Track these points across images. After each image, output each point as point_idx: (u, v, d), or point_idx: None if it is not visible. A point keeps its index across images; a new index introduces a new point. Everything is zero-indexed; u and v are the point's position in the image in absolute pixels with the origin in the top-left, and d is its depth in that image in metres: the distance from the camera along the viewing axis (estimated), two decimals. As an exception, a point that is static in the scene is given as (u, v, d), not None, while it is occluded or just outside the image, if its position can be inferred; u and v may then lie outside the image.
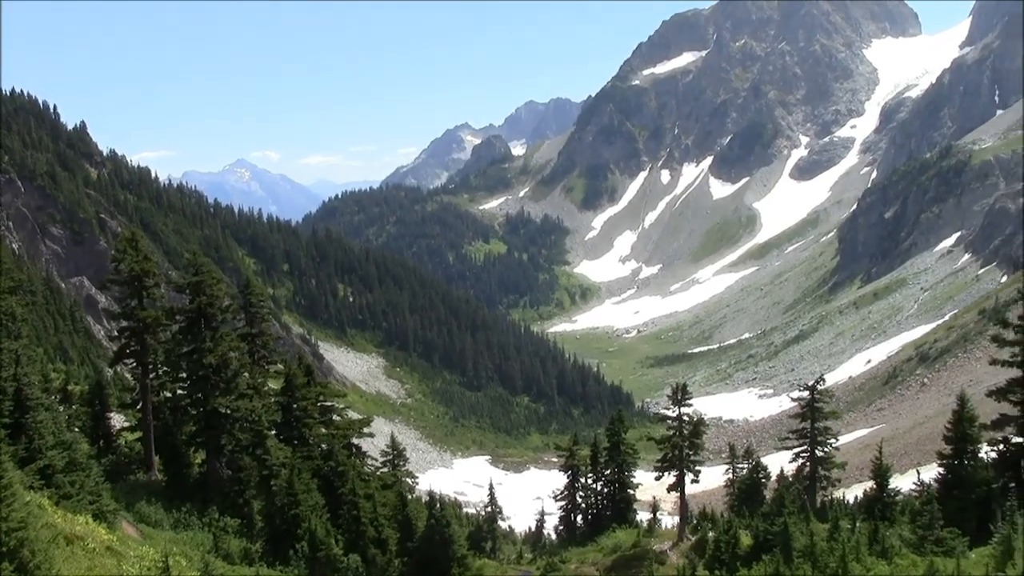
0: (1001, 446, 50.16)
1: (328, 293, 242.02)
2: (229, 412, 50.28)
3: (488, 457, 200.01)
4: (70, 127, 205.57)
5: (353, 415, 70.80)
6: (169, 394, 53.42)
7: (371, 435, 65.64)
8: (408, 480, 68.43)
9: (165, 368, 52.73)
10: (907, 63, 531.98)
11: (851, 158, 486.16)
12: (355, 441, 62.05)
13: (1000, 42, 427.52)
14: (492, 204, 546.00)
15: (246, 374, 53.73)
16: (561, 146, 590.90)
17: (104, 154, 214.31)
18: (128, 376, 69.90)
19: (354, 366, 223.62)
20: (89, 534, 30.65)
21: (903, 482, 76.71)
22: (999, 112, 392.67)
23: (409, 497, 60.82)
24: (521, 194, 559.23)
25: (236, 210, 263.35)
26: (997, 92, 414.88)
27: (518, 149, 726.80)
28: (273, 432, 52.64)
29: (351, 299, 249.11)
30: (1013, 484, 48.70)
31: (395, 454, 67.46)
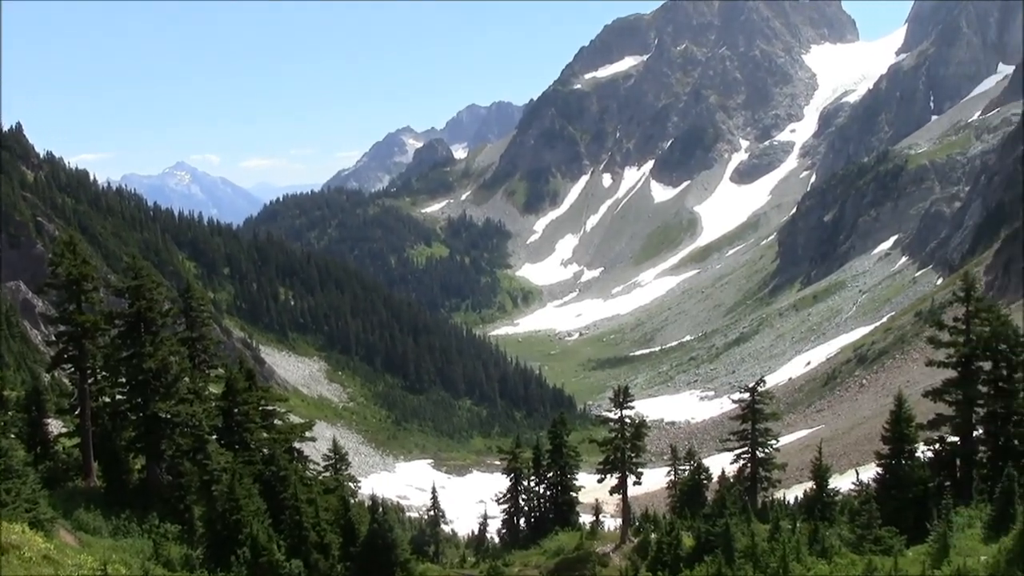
0: (937, 446, 51.27)
1: (269, 297, 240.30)
2: (169, 417, 49.90)
3: (431, 460, 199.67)
4: (5, 128, 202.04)
5: (295, 419, 70.30)
6: (108, 399, 52.89)
7: (313, 439, 65.19)
8: (350, 484, 68.12)
9: (104, 373, 52.22)
10: (845, 69, 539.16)
11: (791, 162, 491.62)
12: (297, 445, 61.58)
13: (935, 49, 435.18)
14: (434, 208, 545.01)
15: (187, 379, 53.27)
16: (503, 150, 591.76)
17: (41, 156, 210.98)
18: (66, 381, 68.91)
19: (296, 370, 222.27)
20: (25, 543, 30.22)
21: (842, 482, 77.72)
22: (934, 118, 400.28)
23: (351, 501, 60.52)
24: (463, 197, 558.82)
25: (176, 213, 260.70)
26: (932, 98, 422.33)
27: (460, 152, 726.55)
28: (214, 437, 52.09)
29: (292, 303, 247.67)
30: (948, 483, 49.66)
31: (337, 458, 67.18)
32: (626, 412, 61.17)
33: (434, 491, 78.34)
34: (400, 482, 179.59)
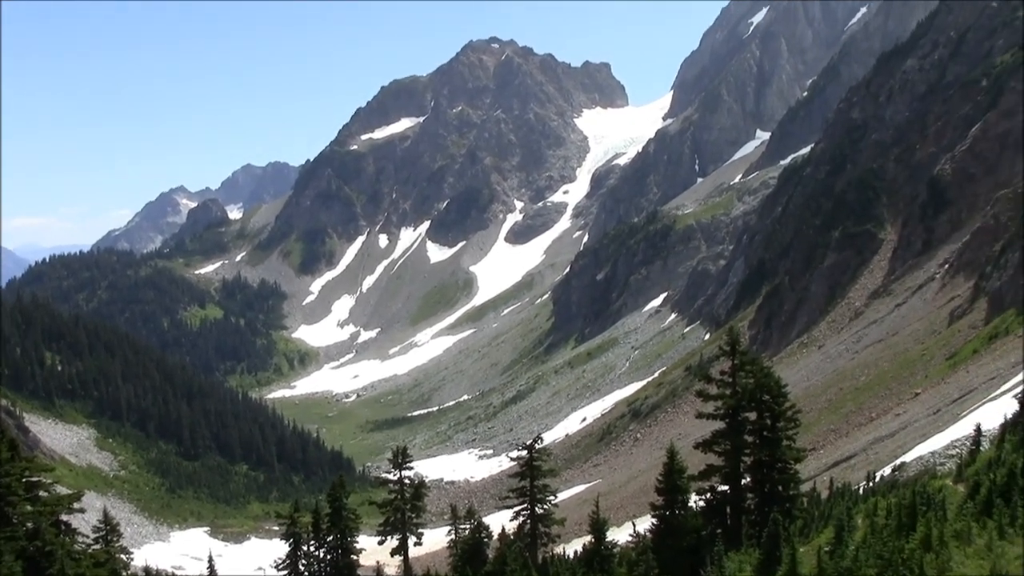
0: (708, 495, 53.02)
1: (34, 362, 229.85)
2: (-75, 493, 47.55)
3: (207, 528, 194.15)
4: None
5: (62, 490, 67.64)
6: None
7: (82, 510, 63.10)
8: (122, 556, 65.73)
9: None
10: (616, 132, 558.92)
11: (564, 222, 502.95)
12: (64, 518, 59.33)
13: (699, 115, 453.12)
14: (208, 269, 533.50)
15: (-56, 451, 50.87)
16: (279, 210, 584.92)
17: None
18: None
19: (63, 438, 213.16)
20: None
21: (620, 534, 79.33)
22: (699, 180, 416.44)
23: (124, 575, 58.66)
24: (238, 258, 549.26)
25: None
26: (697, 161, 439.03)
27: (235, 213, 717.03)
28: (-26, 512, 49.92)
29: (60, 368, 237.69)
30: (720, 530, 51.46)
31: (108, 529, 64.87)
32: (405, 473, 61.55)
33: (211, 560, 76.40)
34: (175, 552, 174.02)
